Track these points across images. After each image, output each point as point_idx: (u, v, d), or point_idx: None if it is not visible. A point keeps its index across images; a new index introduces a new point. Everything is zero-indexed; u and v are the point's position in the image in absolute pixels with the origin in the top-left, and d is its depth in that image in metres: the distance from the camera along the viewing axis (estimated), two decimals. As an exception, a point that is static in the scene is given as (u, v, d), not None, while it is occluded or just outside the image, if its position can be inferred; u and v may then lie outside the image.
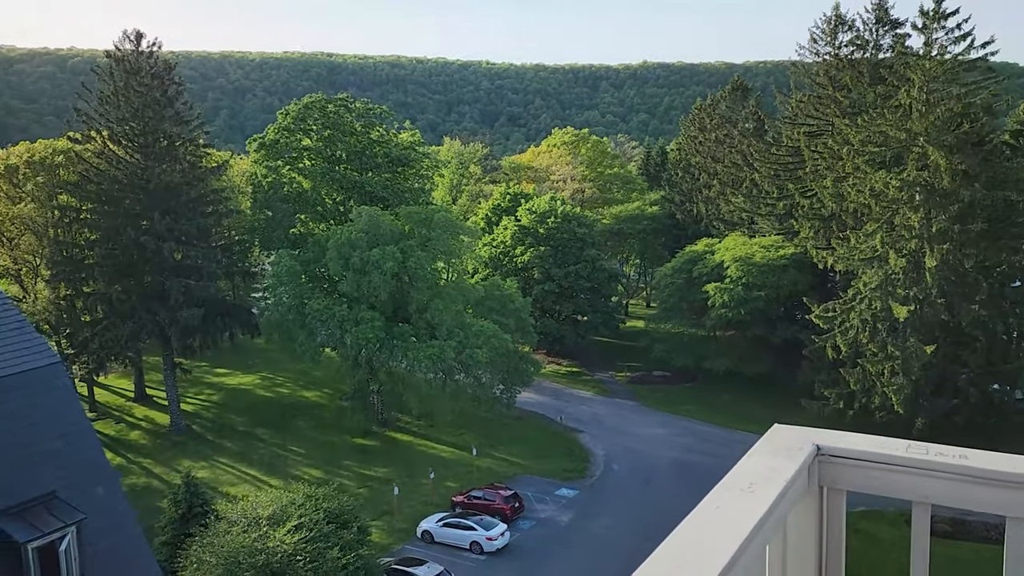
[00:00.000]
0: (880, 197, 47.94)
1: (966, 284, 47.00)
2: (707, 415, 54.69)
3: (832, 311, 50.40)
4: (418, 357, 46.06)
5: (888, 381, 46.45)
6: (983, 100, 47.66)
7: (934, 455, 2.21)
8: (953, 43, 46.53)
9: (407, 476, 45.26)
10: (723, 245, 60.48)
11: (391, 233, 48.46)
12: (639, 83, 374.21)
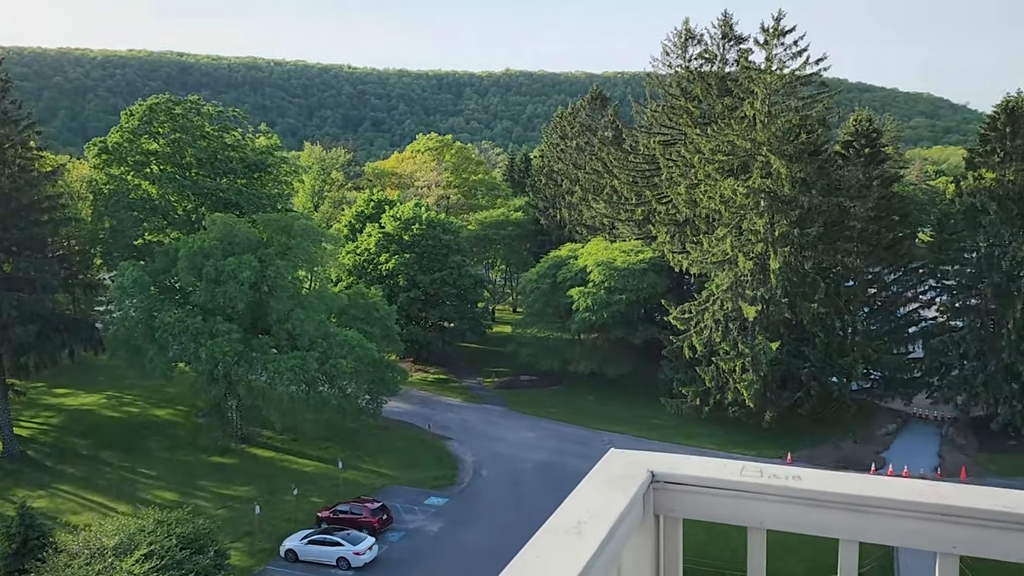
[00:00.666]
0: (729, 203, 50.54)
1: (806, 284, 50.27)
2: (573, 417, 55.75)
3: (688, 312, 52.63)
4: (279, 369, 44.45)
5: (740, 377, 48.94)
6: (818, 113, 51.15)
7: (768, 477, 2.15)
8: (791, 59, 49.78)
9: (269, 493, 43.52)
10: (586, 250, 61.96)
11: (248, 241, 46.56)
12: (503, 91, 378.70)
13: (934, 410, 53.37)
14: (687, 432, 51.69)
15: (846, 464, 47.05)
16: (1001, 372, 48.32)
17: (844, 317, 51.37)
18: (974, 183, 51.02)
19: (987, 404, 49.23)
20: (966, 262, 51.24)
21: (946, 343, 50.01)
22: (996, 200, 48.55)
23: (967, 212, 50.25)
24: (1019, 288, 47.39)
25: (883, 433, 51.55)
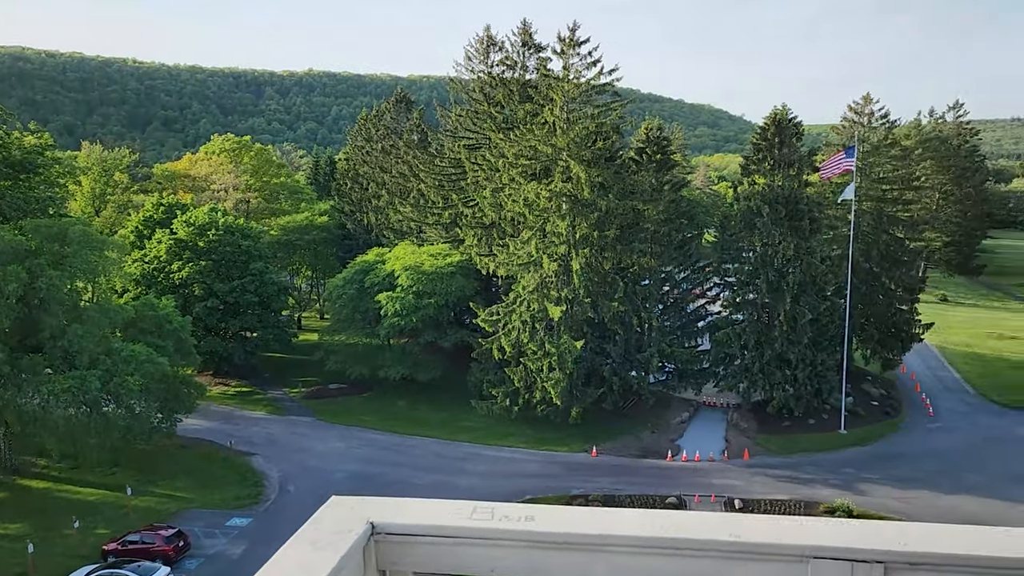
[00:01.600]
0: (533, 207, 51.85)
1: (606, 284, 52.61)
2: (384, 424, 54.89)
3: (496, 314, 53.42)
4: (54, 391, 40.20)
5: (547, 376, 50.32)
6: (612, 120, 53.69)
7: (499, 519, 1.92)
8: (586, 68, 51.87)
9: (45, 529, 39.21)
10: (393, 254, 61.25)
11: (13, 250, 41.70)
12: (306, 91, 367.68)
13: (721, 398, 57.72)
14: (498, 432, 52.45)
15: (646, 453, 49.76)
16: (775, 360, 53.06)
17: (641, 314, 54.25)
18: (749, 188, 55.72)
19: (764, 390, 53.88)
20: (745, 260, 55.80)
21: (729, 335, 54.17)
22: (768, 204, 53.27)
23: (744, 215, 54.77)
24: (788, 283, 52.26)
25: (678, 422, 55.00)
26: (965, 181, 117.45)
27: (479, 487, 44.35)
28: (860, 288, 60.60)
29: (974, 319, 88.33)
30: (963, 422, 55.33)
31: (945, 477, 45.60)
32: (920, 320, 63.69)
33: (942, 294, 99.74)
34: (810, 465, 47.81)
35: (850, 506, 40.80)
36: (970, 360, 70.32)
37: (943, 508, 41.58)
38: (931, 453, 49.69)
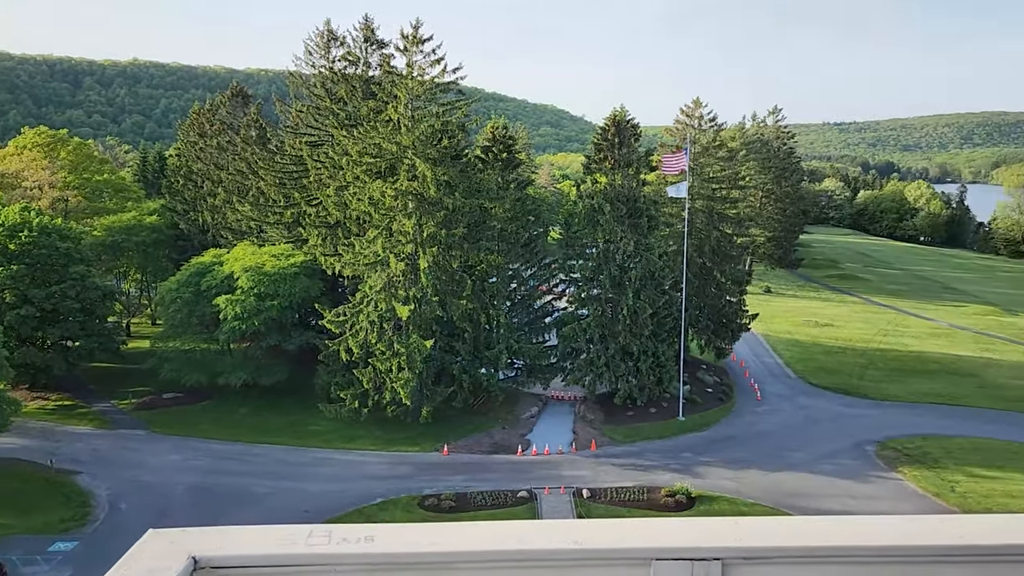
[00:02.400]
0: (379, 205, 51.07)
1: (454, 282, 52.69)
2: (226, 432, 52.38)
3: (343, 315, 52.23)
4: None
5: (396, 376, 49.76)
6: (458, 119, 53.78)
7: (337, 543, 1.78)
8: (430, 66, 51.63)
9: None
10: (232, 255, 58.51)
11: None
12: (131, 82, 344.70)
13: (568, 391, 59.27)
14: (347, 435, 51.36)
15: (497, 449, 50.29)
16: (619, 353, 55.12)
17: (489, 312, 54.73)
18: (591, 187, 57.54)
19: (610, 381, 55.86)
20: (588, 257, 57.55)
21: (575, 330, 55.72)
22: (609, 202, 55.20)
23: (587, 212, 56.48)
24: (629, 278, 54.40)
25: (527, 417, 55.97)
26: (784, 181, 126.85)
27: (330, 491, 43.24)
28: (694, 282, 64.06)
29: (794, 308, 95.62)
30: (786, 404, 59.72)
31: (771, 456, 49.02)
32: (748, 311, 68.13)
33: (766, 286, 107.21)
34: (652, 452, 50.02)
35: (689, 489, 43.02)
36: (791, 346, 76.04)
37: (769, 484, 44.71)
38: (759, 434, 53.27)
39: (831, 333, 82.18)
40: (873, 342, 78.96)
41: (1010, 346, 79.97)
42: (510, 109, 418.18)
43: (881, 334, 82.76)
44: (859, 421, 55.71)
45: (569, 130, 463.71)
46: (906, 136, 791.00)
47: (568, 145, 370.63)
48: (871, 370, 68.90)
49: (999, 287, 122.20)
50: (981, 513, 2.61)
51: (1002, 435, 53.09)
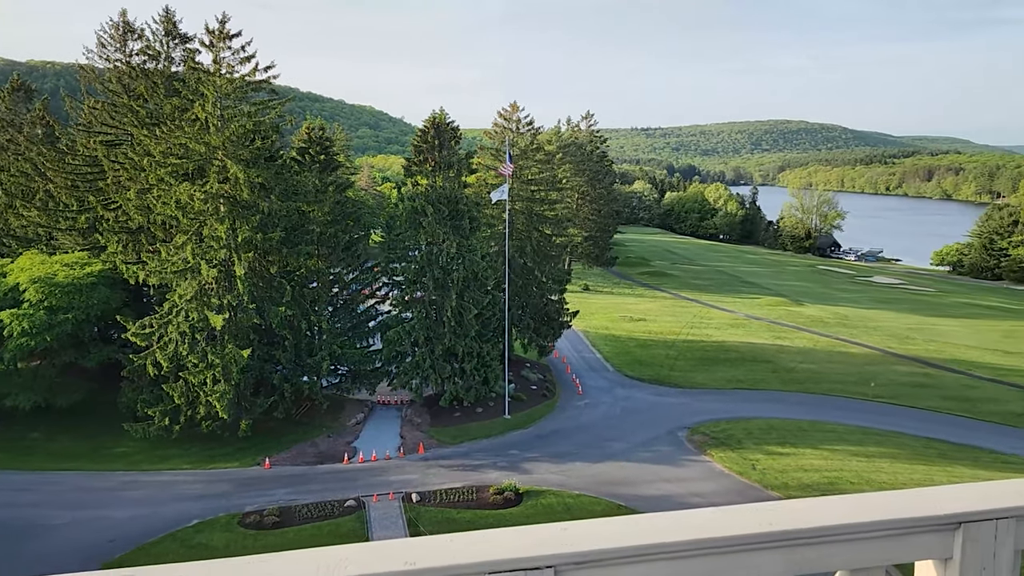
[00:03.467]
0: (187, 209, 48.12)
1: (273, 288, 50.66)
2: (14, 461, 47.33)
3: (150, 327, 48.76)
4: None
5: (211, 389, 47.10)
6: (271, 119, 51.73)
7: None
8: (240, 63, 49.30)
9: None
10: (17, 265, 52.96)
11: None
12: None
13: (395, 395, 58.69)
14: (158, 456, 47.99)
15: (323, 458, 48.86)
16: (444, 354, 55.25)
17: (311, 318, 53.10)
18: (413, 189, 57.30)
19: (436, 384, 55.87)
20: (411, 259, 57.25)
21: (400, 333, 55.25)
22: (431, 204, 55.20)
23: (409, 215, 56.18)
24: (453, 280, 54.68)
25: (353, 423, 54.83)
26: (598, 183, 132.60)
27: (139, 517, 40.17)
28: (517, 282, 65.46)
29: (610, 305, 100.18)
30: (605, 397, 62.38)
31: (593, 447, 51.01)
32: (568, 309, 70.54)
33: (584, 284, 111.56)
34: (480, 451, 50.54)
35: (516, 485, 43.84)
36: (608, 341, 79.59)
37: (593, 475, 46.49)
38: (582, 427, 55.28)
39: (644, 327, 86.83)
40: (681, 334, 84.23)
41: (798, 333, 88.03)
42: (327, 110, 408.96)
43: (688, 327, 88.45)
44: (671, 409, 59.19)
45: (389, 132, 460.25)
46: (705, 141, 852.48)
47: (388, 147, 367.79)
48: (680, 361, 73.45)
49: (787, 280, 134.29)
50: (789, 499, 2.75)
51: (792, 414, 58.31)
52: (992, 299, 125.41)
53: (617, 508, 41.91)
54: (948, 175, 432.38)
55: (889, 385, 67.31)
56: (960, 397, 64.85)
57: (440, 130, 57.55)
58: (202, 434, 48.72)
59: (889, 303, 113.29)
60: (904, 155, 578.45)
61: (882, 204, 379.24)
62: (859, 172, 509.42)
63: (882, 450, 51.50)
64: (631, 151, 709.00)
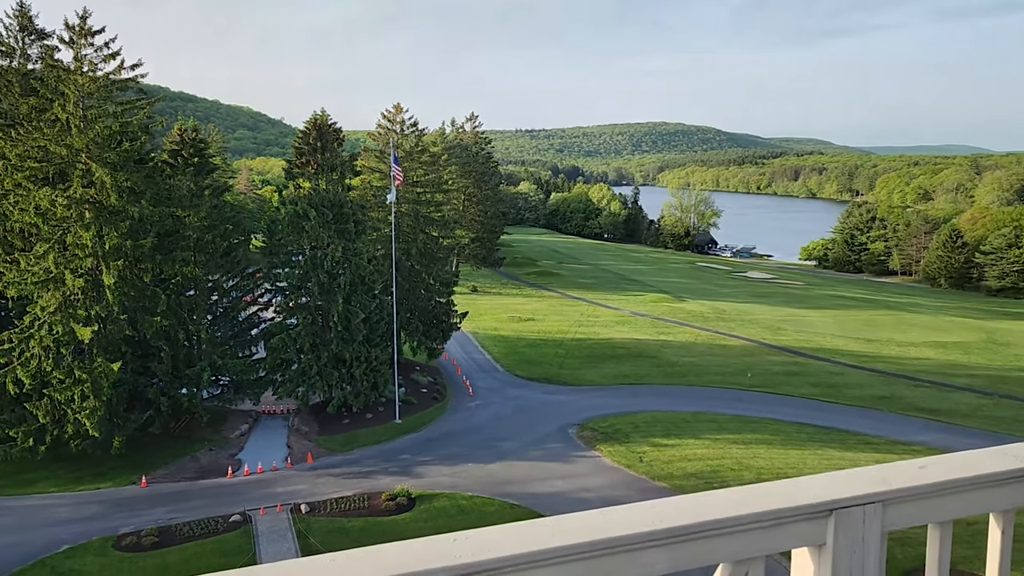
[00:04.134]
0: (48, 216, 45.12)
1: (146, 298, 48.17)
2: None
3: (8, 342, 45.41)
4: None
5: (80, 406, 44.33)
6: (139, 120, 49.21)
7: None
8: (103, 61, 46.68)
9: None
10: None
11: None
12: None
13: (281, 404, 57.00)
14: (22, 479, 44.78)
15: (204, 473, 46.90)
16: (331, 361, 54.09)
17: (188, 327, 50.87)
18: (295, 192, 55.82)
19: (323, 391, 54.61)
20: (295, 264, 55.76)
21: (284, 340, 53.68)
22: (315, 207, 53.91)
23: (292, 219, 54.69)
24: (339, 284, 53.61)
25: (237, 435, 52.89)
26: (484, 184, 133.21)
27: (6, 546, 37.32)
28: (404, 285, 64.86)
29: (499, 305, 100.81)
30: (496, 397, 62.70)
31: (485, 448, 51.15)
32: (457, 310, 70.46)
33: (473, 285, 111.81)
34: (370, 458, 49.76)
35: (409, 490, 43.41)
36: (498, 342, 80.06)
37: (486, 476, 46.61)
38: (473, 428, 55.33)
39: (533, 327, 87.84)
40: (569, 333, 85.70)
41: (680, 328, 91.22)
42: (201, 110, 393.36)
43: (576, 325, 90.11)
44: (561, 407, 60.10)
45: (268, 133, 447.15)
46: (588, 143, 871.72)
47: (268, 149, 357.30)
48: (569, 359, 74.70)
49: (669, 277, 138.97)
50: (674, 495, 2.80)
51: (676, 407, 60.36)
52: (854, 291, 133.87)
53: (511, 508, 42.18)
54: (812, 175, 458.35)
55: (764, 375, 70.70)
56: (827, 384, 68.83)
57: (322, 132, 56.32)
58: (72, 454, 45.83)
59: (763, 297, 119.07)
60: (772, 156, 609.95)
61: (754, 202, 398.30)
62: (732, 172, 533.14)
63: (759, 437, 54.01)
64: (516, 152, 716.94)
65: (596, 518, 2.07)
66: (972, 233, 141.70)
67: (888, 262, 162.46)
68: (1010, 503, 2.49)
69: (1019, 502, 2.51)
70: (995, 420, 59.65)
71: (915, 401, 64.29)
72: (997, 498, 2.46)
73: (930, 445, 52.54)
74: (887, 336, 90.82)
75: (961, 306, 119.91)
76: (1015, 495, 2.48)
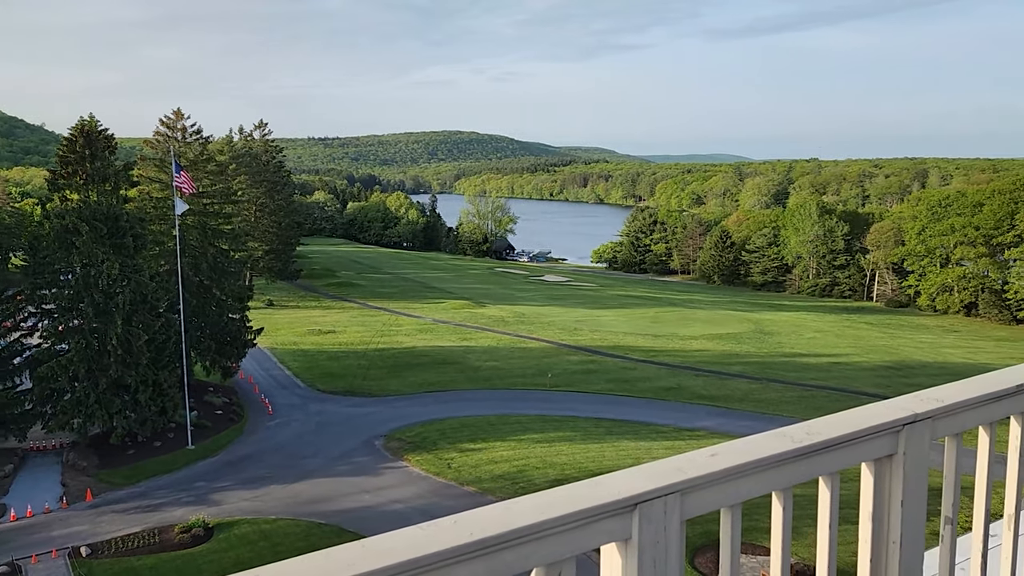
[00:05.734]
0: None
1: None
2: None
3: None
4: None
5: None
6: None
7: None
8: None
9: None
10: None
11: None
12: None
13: (53, 439, 51.53)
14: None
15: (-40, 525, 41.39)
16: (111, 387, 49.72)
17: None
18: (62, 205, 50.78)
19: (103, 420, 50.03)
20: (64, 284, 50.71)
21: (54, 368, 48.66)
22: (86, 221, 49.34)
23: (59, 234, 49.72)
24: (117, 304, 49.41)
25: (0, 477, 47.20)
26: (276, 194, 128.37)
27: None
28: (192, 301, 60.98)
29: (297, 319, 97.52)
30: (298, 413, 60.56)
31: (289, 467, 49.22)
32: (251, 326, 67.28)
33: (268, 299, 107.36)
34: (161, 489, 46.29)
35: (205, 520, 40.80)
36: (297, 356, 77.41)
37: (290, 496, 44.85)
38: (274, 448, 53.05)
39: (334, 339, 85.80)
40: (372, 343, 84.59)
41: (482, 333, 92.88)
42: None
43: (379, 335, 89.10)
44: (367, 419, 59.12)
45: (27, 141, 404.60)
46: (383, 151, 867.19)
47: (27, 158, 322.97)
48: (373, 370, 73.71)
49: (469, 283, 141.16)
50: (487, 505, 2.78)
51: (481, 411, 61.38)
52: (640, 290, 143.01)
53: (318, 527, 40.85)
54: (600, 181, 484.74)
55: (563, 374, 73.64)
56: (621, 379, 72.94)
57: (91, 139, 51.73)
58: None
59: (559, 299, 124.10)
60: (563, 164, 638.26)
61: (548, 208, 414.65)
62: (526, 179, 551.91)
63: (560, 434, 56.15)
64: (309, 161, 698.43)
65: (412, 535, 1.99)
66: (738, 234, 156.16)
67: (670, 262, 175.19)
68: (788, 481, 2.69)
69: (795, 480, 2.73)
70: (764, 403, 65.99)
71: (697, 390, 69.66)
72: (778, 478, 2.65)
73: (711, 430, 57.13)
74: (671, 331, 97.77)
75: (732, 300, 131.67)
76: (792, 473, 2.69)
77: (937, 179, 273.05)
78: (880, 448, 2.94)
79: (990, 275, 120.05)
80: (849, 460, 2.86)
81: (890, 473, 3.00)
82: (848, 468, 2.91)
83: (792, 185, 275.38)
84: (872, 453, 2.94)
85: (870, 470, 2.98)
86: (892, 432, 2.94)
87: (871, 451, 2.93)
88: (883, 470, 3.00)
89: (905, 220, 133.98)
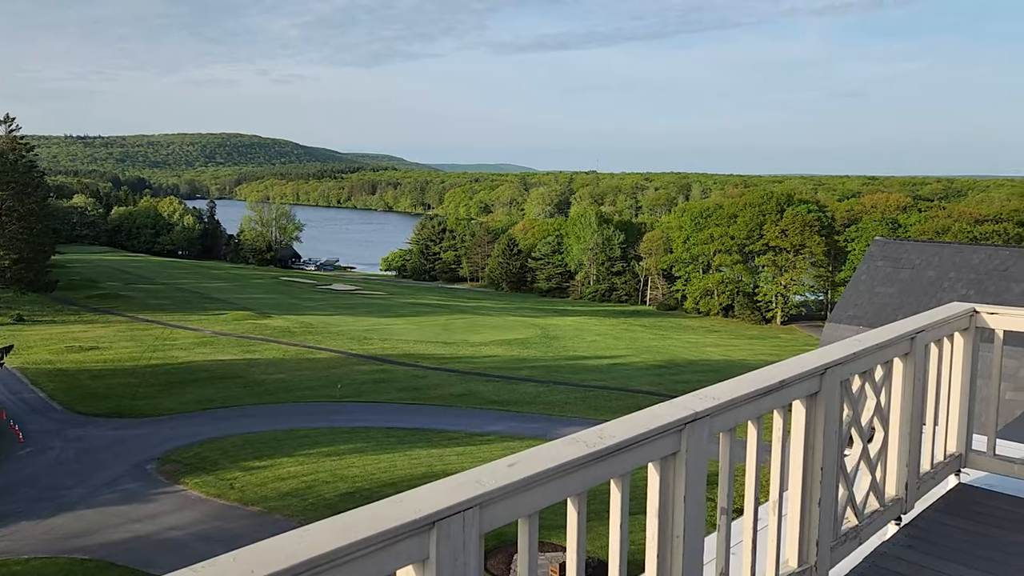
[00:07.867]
0: None
1: None
2: None
3: None
4: None
5: None
6: None
7: None
8: None
9: None
10: None
11: None
12: None
13: None
14: None
15: None
16: None
17: None
18: None
19: None
20: None
21: None
22: None
23: None
24: None
25: None
26: (27, 197, 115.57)
27: None
28: (-79, 318, 53.18)
29: (53, 335, 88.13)
30: (55, 440, 54.67)
31: (46, 501, 44.24)
32: None
33: (17, 314, 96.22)
34: None
35: (-60, 567, 35.65)
36: (54, 377, 69.90)
37: (46, 533, 40.32)
38: (27, 480, 47.49)
39: (97, 356, 78.41)
40: (143, 359, 78.27)
41: (267, 345, 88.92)
42: None
43: (150, 350, 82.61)
44: (137, 442, 54.55)
45: None
46: (154, 153, 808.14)
47: None
48: (144, 388, 68.19)
49: (252, 293, 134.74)
50: (269, 538, 2.53)
51: (267, 426, 58.70)
52: (430, 297, 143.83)
53: (80, 564, 37.04)
54: (388, 189, 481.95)
55: (353, 384, 72.25)
56: (412, 387, 72.82)
57: None
58: None
59: (348, 308, 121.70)
60: (351, 170, 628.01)
61: (335, 215, 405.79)
62: (312, 186, 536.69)
63: (351, 446, 55.00)
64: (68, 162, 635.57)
65: (248, 555, 1.80)
66: (525, 242, 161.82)
67: (459, 270, 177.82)
68: (583, 486, 2.72)
69: (590, 483, 2.76)
70: (551, 405, 68.69)
71: (488, 395, 71.13)
72: (573, 484, 2.67)
73: (502, 433, 58.54)
74: (462, 338, 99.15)
75: (520, 306, 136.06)
76: (586, 477, 2.72)
77: (699, 192, 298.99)
78: (665, 447, 3.07)
79: (744, 280, 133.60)
80: (638, 460, 2.96)
81: (674, 470, 3.14)
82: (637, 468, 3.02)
83: (573, 195, 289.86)
84: (658, 452, 3.06)
85: (656, 469, 3.11)
86: (675, 431, 3.08)
87: (657, 451, 3.05)
88: (668, 468, 3.13)
89: (672, 229, 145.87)
